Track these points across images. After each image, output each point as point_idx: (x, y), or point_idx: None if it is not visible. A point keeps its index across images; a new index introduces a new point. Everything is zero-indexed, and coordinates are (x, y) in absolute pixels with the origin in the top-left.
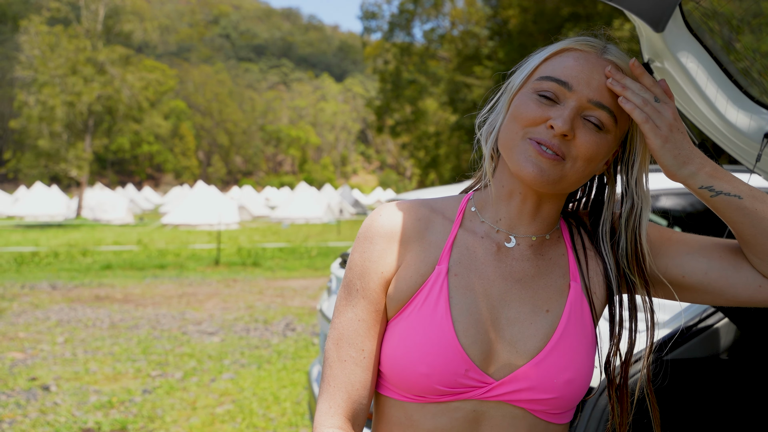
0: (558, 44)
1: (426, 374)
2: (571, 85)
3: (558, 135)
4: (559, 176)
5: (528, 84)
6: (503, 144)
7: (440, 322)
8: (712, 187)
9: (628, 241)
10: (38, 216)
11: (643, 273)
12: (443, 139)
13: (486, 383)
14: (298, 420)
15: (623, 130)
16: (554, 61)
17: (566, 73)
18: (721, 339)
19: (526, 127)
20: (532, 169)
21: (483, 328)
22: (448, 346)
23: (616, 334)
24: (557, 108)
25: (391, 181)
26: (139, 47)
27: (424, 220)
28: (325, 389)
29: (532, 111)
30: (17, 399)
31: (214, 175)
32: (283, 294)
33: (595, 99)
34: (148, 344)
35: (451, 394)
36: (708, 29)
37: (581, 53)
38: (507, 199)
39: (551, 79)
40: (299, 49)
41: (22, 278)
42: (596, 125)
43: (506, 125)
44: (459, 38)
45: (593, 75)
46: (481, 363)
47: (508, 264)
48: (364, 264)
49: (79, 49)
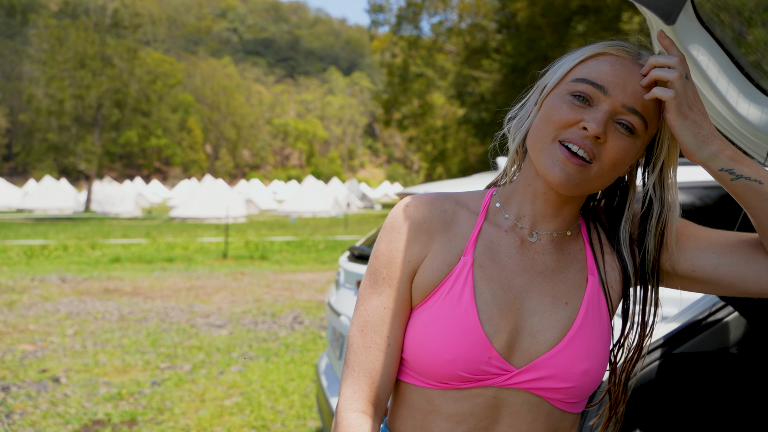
0: (593, 47)
1: (450, 361)
2: (607, 89)
3: (591, 137)
4: (584, 180)
5: (561, 85)
6: (533, 144)
7: (465, 310)
8: (732, 170)
9: (654, 244)
10: (47, 209)
11: (656, 270)
12: (450, 133)
13: (507, 371)
14: (306, 412)
15: (651, 135)
16: (589, 64)
17: (602, 77)
18: (731, 333)
19: (559, 129)
20: (560, 173)
21: (506, 317)
22: (472, 334)
23: (631, 328)
24: (591, 111)
25: (399, 174)
26: (147, 41)
27: (450, 212)
28: (348, 374)
29: (565, 113)
30: (28, 390)
31: (221, 169)
32: (291, 287)
33: (629, 104)
34: (157, 337)
35: (473, 381)
36: (719, 21)
37: (617, 58)
38: (531, 198)
39: (587, 82)
40: (306, 42)
41: (32, 271)
42: (629, 129)
43: (537, 126)
44: (467, 31)
45: (629, 80)
46: (504, 351)
47: (530, 257)
48: (391, 253)
49: (88, 43)
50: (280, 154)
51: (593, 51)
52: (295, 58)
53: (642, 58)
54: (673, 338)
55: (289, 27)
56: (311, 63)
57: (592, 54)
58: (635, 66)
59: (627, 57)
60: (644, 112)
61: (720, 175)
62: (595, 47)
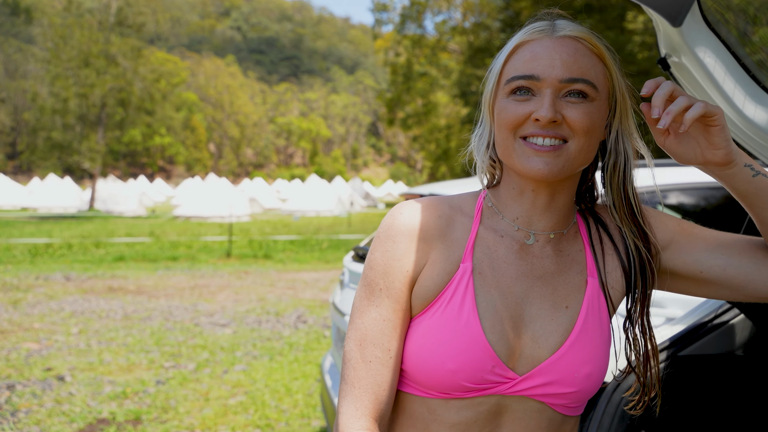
0: (509, 44)
1: (453, 371)
2: (538, 75)
3: (546, 124)
4: (566, 160)
5: (499, 91)
6: (502, 154)
7: (467, 320)
8: (752, 166)
9: (614, 195)
10: (52, 208)
11: (643, 230)
12: (454, 132)
13: (511, 379)
14: (310, 412)
15: (607, 91)
16: (513, 60)
17: (528, 66)
18: (737, 335)
19: (515, 129)
20: (538, 166)
21: (508, 324)
22: (476, 344)
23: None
24: (535, 100)
25: (402, 173)
26: (151, 39)
27: (445, 217)
28: (349, 391)
29: (513, 112)
30: (33, 389)
31: (225, 168)
32: (295, 286)
33: (565, 77)
34: (161, 335)
35: (476, 390)
36: (724, 21)
37: (534, 42)
38: (519, 197)
39: (517, 78)
40: (310, 41)
41: (37, 269)
42: (579, 95)
43: (497, 136)
44: (470, 30)
45: (553, 57)
46: (506, 359)
47: (529, 262)
48: (388, 263)
49: (92, 42)
50: (284, 153)
51: (511, 47)
52: (299, 57)
53: (558, 30)
54: (679, 340)
55: (292, 26)
56: (315, 62)
57: (512, 50)
58: (555, 40)
59: (542, 36)
60: (584, 75)
61: (743, 171)
62: (511, 43)
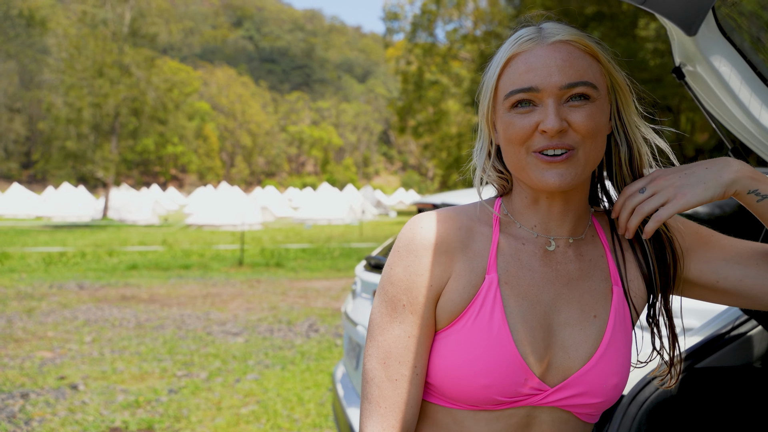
0: (500, 57)
1: (486, 386)
2: (537, 86)
3: (554, 134)
4: (578, 166)
5: (499, 106)
6: (514, 168)
7: (498, 332)
8: (757, 190)
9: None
10: (66, 216)
11: (665, 234)
12: (465, 140)
13: (542, 390)
14: (321, 421)
15: (606, 87)
16: (508, 74)
17: (525, 78)
18: (755, 347)
19: (524, 143)
20: (553, 178)
21: (539, 335)
22: (508, 357)
23: (662, 337)
24: (538, 110)
25: (414, 181)
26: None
27: (465, 228)
28: (374, 411)
29: (519, 126)
30: (47, 397)
31: (237, 176)
32: (306, 295)
33: (564, 83)
34: (173, 344)
35: (507, 403)
36: (738, 28)
37: (526, 53)
38: (534, 205)
39: (517, 92)
40: (322, 50)
41: (51, 278)
42: (582, 98)
43: (506, 150)
44: (481, 38)
45: (549, 65)
46: (539, 371)
47: (553, 268)
48: (411, 278)
49: (106, 52)
50: (296, 162)
51: (503, 60)
52: (310, 66)
53: (545, 35)
54: (696, 352)
55: (304, 35)
56: (326, 71)
57: (504, 64)
58: (547, 48)
59: (533, 45)
60: (582, 77)
61: (747, 197)
62: (501, 56)
